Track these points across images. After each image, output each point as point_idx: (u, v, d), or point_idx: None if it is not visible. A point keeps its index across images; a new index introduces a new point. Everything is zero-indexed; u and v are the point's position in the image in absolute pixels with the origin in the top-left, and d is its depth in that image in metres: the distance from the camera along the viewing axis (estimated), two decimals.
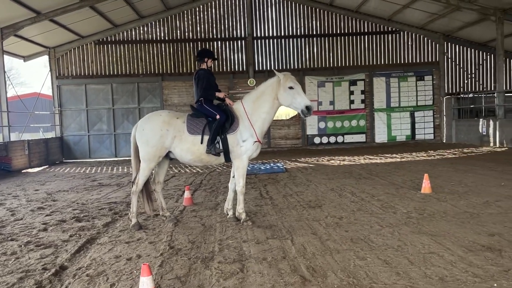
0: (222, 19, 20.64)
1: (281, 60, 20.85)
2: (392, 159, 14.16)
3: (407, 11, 18.85)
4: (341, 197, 7.82)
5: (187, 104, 20.23)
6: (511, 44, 19.49)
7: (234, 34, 20.74)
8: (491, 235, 5.02)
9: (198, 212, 7.02)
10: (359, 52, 20.95)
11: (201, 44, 20.52)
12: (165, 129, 6.09)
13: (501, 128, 16.57)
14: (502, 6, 16.06)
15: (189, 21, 20.50)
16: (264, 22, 20.81)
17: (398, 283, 3.75)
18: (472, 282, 3.70)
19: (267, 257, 4.58)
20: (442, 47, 20.88)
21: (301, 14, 20.82)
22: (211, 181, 10.78)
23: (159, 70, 20.38)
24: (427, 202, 7.02)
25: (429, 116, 20.79)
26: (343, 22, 20.88)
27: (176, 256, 4.73)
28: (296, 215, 6.53)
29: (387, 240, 5.01)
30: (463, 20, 18.39)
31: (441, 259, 4.30)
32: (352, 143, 20.67)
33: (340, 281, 3.84)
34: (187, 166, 14.42)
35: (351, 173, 11.00)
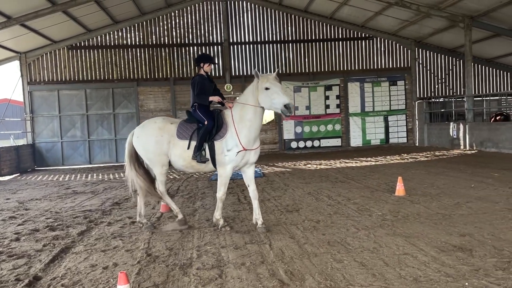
0: (198, 24, 20.62)
1: (257, 66, 20.96)
2: (367, 162, 14.41)
3: (380, 18, 19.29)
4: (318, 201, 7.92)
5: (163, 110, 20.09)
6: (479, 50, 20.20)
7: (210, 39, 20.75)
8: (462, 236, 5.18)
9: (176, 219, 6.95)
10: (334, 58, 21.29)
11: (176, 49, 20.43)
12: (160, 135, 6.11)
13: (471, 131, 17.11)
14: (470, 13, 16.63)
15: (164, 26, 20.39)
16: (240, 28, 20.90)
17: (374, 284, 3.83)
18: (445, 281, 3.82)
19: (245, 262, 4.60)
20: (413, 53, 21.45)
21: (277, 20, 21.02)
22: (188, 187, 10.72)
23: (134, 75, 20.16)
24: (401, 205, 7.18)
25: (402, 120, 21.28)
26: (318, 28, 21.19)
27: (153, 264, 4.70)
28: (274, 220, 6.57)
29: (363, 243, 5.10)
30: (433, 26, 18.95)
31: (415, 260, 4.42)
32: (328, 147, 20.94)
33: (318, 284, 3.89)
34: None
35: (328, 177, 11.14)
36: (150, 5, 19.34)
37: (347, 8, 19.05)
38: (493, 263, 4.21)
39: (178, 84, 20.28)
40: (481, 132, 16.56)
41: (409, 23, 19.07)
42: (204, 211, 7.58)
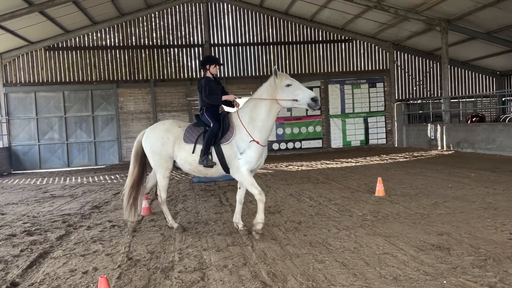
0: (179, 25, 20.50)
1: (239, 67, 20.98)
2: (348, 163, 14.57)
3: (359, 20, 19.55)
4: (299, 202, 7.97)
5: (143, 112, 19.90)
6: (455, 53, 20.69)
7: (191, 41, 20.65)
8: (440, 235, 5.29)
9: (157, 222, 6.91)
10: (314, 60, 21.47)
11: (157, 51, 20.25)
12: (166, 137, 6.03)
13: (448, 132, 17.49)
14: (447, 17, 17.03)
15: (144, 27, 20.20)
16: (221, 29, 20.87)
17: (355, 284, 3.88)
18: (424, 280, 3.89)
19: (228, 264, 4.59)
20: (392, 56, 21.81)
21: (258, 22, 21.07)
22: (169, 189, 10.60)
23: (113, 77, 19.89)
24: (381, 205, 7.29)
25: (381, 121, 21.60)
26: (298, 31, 21.34)
27: (134, 268, 4.64)
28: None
29: (344, 243, 5.16)
30: (411, 30, 19.31)
31: (394, 259, 4.49)
32: (309, 148, 21.08)
33: (300, 285, 3.92)
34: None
35: (309, 178, 11.22)
36: (129, 6, 19.14)
37: (327, 11, 19.25)
38: (470, 261, 4.32)
39: (158, 85, 20.12)
40: (458, 133, 16.94)
41: (387, 26, 19.39)
42: (185, 213, 7.53)
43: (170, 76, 20.41)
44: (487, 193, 7.82)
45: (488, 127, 15.46)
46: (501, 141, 14.29)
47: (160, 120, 19.78)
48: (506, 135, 14.09)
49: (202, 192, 9.87)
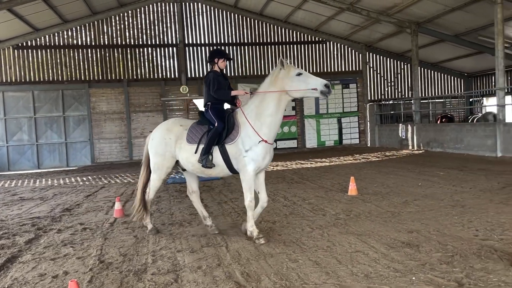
0: (152, 25, 20.27)
1: None
2: (322, 163, 14.76)
3: (332, 22, 19.82)
4: (274, 202, 8.01)
5: (116, 112, 19.58)
6: (425, 55, 21.25)
7: (165, 40, 20.45)
8: (410, 232, 5.43)
9: (130, 224, 6.81)
10: (289, 61, 21.60)
11: (130, 50, 19.97)
12: (168, 137, 5.86)
13: (418, 132, 17.95)
14: (417, 19, 17.47)
15: (117, 26, 19.88)
16: (196, 29, 20.76)
17: (327, 282, 3.94)
18: (394, 277, 3.99)
19: (202, 265, 4.58)
20: (364, 57, 22.21)
21: (232, 22, 21.07)
22: None
23: (85, 76, 19.49)
24: (353, 204, 7.42)
25: (354, 122, 21.97)
26: (273, 32, 21.45)
27: (106, 271, 4.57)
28: (231, 222, 6.59)
29: (317, 242, 5.23)
30: (383, 32, 19.72)
31: (366, 257, 4.58)
32: (284, 148, 21.22)
33: (273, 284, 3.95)
34: (118, 176, 13.92)
35: (284, 178, 11.31)
36: (101, 5, 18.79)
37: (302, 12, 19.43)
38: (438, 257, 4.45)
39: (132, 85, 19.84)
40: (428, 133, 17.41)
41: (360, 28, 19.73)
42: (159, 215, 7.47)
43: (144, 76, 20.16)
44: (455, 191, 8.07)
45: (456, 127, 15.95)
46: (469, 140, 14.77)
47: (133, 121, 19.55)
48: (473, 135, 14.57)
49: (176, 193, 9.80)
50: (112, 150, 19.63)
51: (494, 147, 13.40)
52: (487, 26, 15.88)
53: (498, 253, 4.46)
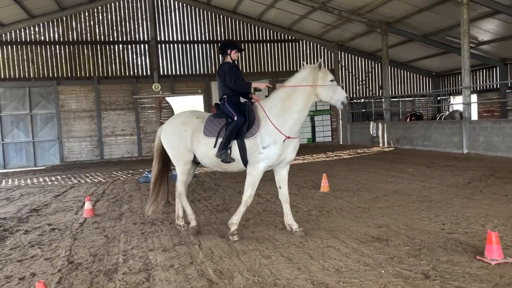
0: (123, 21, 19.90)
1: (186, 65, 20.74)
2: (295, 161, 14.86)
3: (305, 21, 19.99)
4: None
5: (86, 110, 19.14)
6: (395, 54, 21.73)
7: (137, 37, 20.13)
8: (379, 227, 5.56)
9: (101, 224, 6.69)
10: (262, 59, 21.69)
11: (100, 47, 19.54)
12: (183, 130, 5.65)
13: (388, 130, 18.35)
14: (387, 19, 17.84)
15: (86, 22, 19.41)
16: (168, 26, 20.52)
17: (299, 277, 3.99)
18: (364, 270, 4.07)
19: (174, 264, 4.55)
20: (336, 56, 22.53)
21: (205, 20, 20.94)
22: (114, 190, 10.33)
23: (53, 73, 18.96)
24: (325, 200, 7.52)
25: (327, 120, 22.26)
26: (246, 30, 21.45)
27: (76, 271, 4.48)
28: (204, 220, 6.57)
29: (290, 238, 5.28)
30: (354, 31, 20.04)
31: (337, 251, 4.66)
32: None
33: (246, 281, 3.96)
34: (88, 176, 13.62)
35: None
36: (70, 0, 18.30)
37: (275, 10, 19.51)
38: (406, 251, 4.57)
39: (102, 83, 19.43)
40: (398, 130, 17.83)
41: (332, 27, 19.98)
42: (131, 214, 7.35)
43: (115, 73, 19.78)
44: (423, 187, 8.31)
45: (424, 125, 16.40)
46: (436, 137, 15.21)
47: (104, 119, 19.16)
48: (441, 132, 15.02)
49: (148, 192, 9.63)
50: (82, 149, 19.18)
51: (460, 144, 13.86)
52: (454, 26, 16.39)
53: (463, 245, 4.62)
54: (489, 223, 5.46)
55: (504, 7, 14.08)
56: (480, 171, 9.72)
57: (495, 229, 4.98)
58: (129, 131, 19.78)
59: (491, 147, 12.61)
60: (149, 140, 19.97)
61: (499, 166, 10.30)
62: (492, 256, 4.10)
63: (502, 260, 4.05)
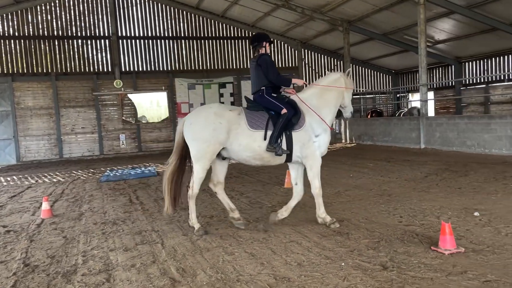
0: (83, 16, 19.27)
1: (149, 61, 20.36)
2: None
3: (269, 18, 20.09)
4: (212, 197, 7.99)
5: (44, 107, 18.43)
6: (357, 52, 22.25)
7: (97, 32, 19.55)
8: (341, 221, 5.69)
9: (59, 224, 6.48)
10: (227, 56, 21.61)
11: (58, 42, 18.84)
12: (218, 122, 5.37)
13: (350, 127, 18.78)
14: (348, 18, 18.20)
15: (43, 16, 18.66)
16: (130, 22, 20.06)
17: (262, 272, 4.03)
18: (325, 264, 4.17)
19: (136, 263, 4.48)
20: (300, 54, 22.78)
21: (168, 15, 20.62)
22: (74, 189, 10.02)
23: (8, 69, 18.12)
24: (289, 196, 7.52)
25: None
26: (210, 26, 21.30)
27: (32, 274, 4.32)
28: (167, 218, 6.48)
29: (253, 234, 5.31)
30: (317, 29, 20.34)
31: (299, 246, 4.74)
32: None
33: (209, 278, 3.96)
34: (46, 175, 13.14)
35: None
36: None
37: (238, 7, 19.48)
38: (366, 243, 4.71)
39: (61, 79, 18.76)
40: (359, 127, 18.27)
41: (295, 25, 20.19)
42: (91, 214, 7.16)
43: (74, 69, 19.15)
44: (383, 181, 8.57)
45: (384, 121, 16.89)
46: (396, 133, 15.71)
47: (63, 116, 18.53)
48: (400, 128, 15.52)
49: (110, 191, 9.45)
50: (40, 148, 18.47)
51: (418, 139, 14.37)
52: (412, 26, 16.93)
53: (419, 237, 4.81)
54: (443, 215, 5.71)
55: (458, 7, 14.68)
56: (436, 166, 10.12)
57: (449, 220, 5.22)
58: (90, 129, 19.21)
59: (446, 142, 13.16)
60: (111, 138, 19.50)
61: (453, 161, 10.77)
62: (446, 246, 4.29)
63: (455, 250, 4.25)
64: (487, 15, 14.98)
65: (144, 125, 20.17)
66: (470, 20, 15.65)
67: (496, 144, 11.51)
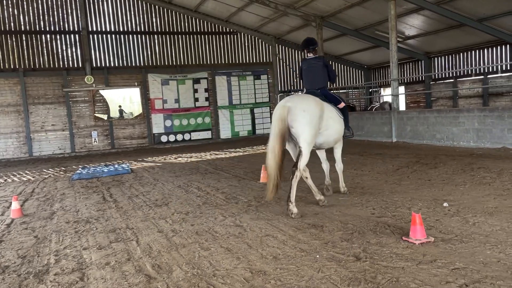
0: (51, 10, 18.73)
1: (121, 57, 20.00)
2: (236, 153, 14.97)
3: (243, 13, 20.04)
4: (187, 193, 7.97)
5: (12, 104, 17.88)
6: (330, 47, 22.48)
7: (66, 27, 19.05)
8: (316, 214, 5.78)
9: (30, 224, 6.32)
10: (201, 51, 21.46)
11: (26, 37, 18.26)
12: (321, 110, 6.10)
13: None
14: (321, 13, 18.36)
15: (10, 10, 18.03)
16: (100, 16, 19.63)
17: (238, 267, 4.05)
18: (300, 256, 4.22)
19: (110, 261, 4.43)
20: (274, 49, 22.85)
21: (140, 10, 20.29)
22: (45, 188, 9.78)
23: None
24: (264, 190, 7.61)
25: (266, 112, 22.56)
26: (183, 21, 21.09)
27: (2, 275, 4.21)
28: (142, 215, 6.43)
29: (229, 229, 5.33)
30: (290, 24, 20.43)
31: (275, 240, 4.79)
32: (199, 140, 21.11)
33: (185, 274, 3.96)
34: (15, 174, 12.77)
35: (198, 169, 11.28)
36: None
37: (212, 2, 19.35)
38: (340, 235, 4.80)
39: (29, 75, 18.21)
40: None
41: (269, 20, 20.22)
42: (63, 213, 7.01)
43: (43, 65, 18.62)
44: (356, 174, 8.73)
45: (357, 116, 17.17)
46: (368, 127, 16.00)
47: (32, 113, 18.01)
48: (372, 122, 15.81)
49: (83, 189, 9.28)
50: (8, 146, 17.91)
51: (390, 133, 14.69)
52: (383, 21, 17.24)
53: (391, 228, 4.94)
54: (414, 206, 5.87)
55: (427, 3, 15.02)
56: (407, 158, 10.38)
57: (419, 211, 5.37)
58: (60, 126, 18.75)
59: (417, 136, 13.51)
60: (82, 135, 19.09)
61: (424, 153, 11.07)
62: (416, 236, 4.42)
63: (425, 240, 4.38)
64: (455, 11, 15.40)
65: (117, 121, 19.82)
66: (439, 16, 16.05)
67: (464, 137, 11.89)
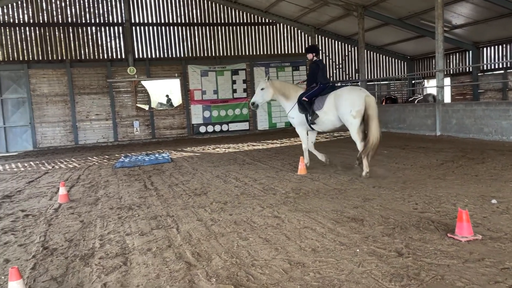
0: (96, 2, 19.30)
1: (162, 48, 20.36)
2: (273, 145, 14.94)
3: (282, 4, 19.84)
4: (226, 183, 8.04)
5: (59, 94, 18.63)
6: (371, 38, 21.88)
7: (110, 19, 19.58)
8: (355, 208, 5.67)
9: (76, 209, 6.60)
10: (239, 42, 21.48)
11: (72, 29, 18.94)
12: None
13: None
14: (363, 3, 17.88)
15: (57, 3, 18.73)
16: (143, 8, 20.03)
17: (276, 257, 4.04)
18: (339, 250, 4.16)
19: (152, 247, 4.54)
20: (313, 39, 22.51)
21: (181, 1, 20.52)
22: (90, 175, 10.16)
23: (24, 56, 18.31)
24: (302, 182, 7.60)
25: None
26: (223, 12, 21.15)
27: (51, 257, 4.42)
28: (182, 204, 6.55)
29: (267, 220, 5.33)
30: (331, 14, 20.03)
31: (313, 232, 4.74)
32: (236, 131, 21.23)
33: (224, 262, 4.00)
34: (62, 161, 13.35)
35: (236, 160, 11.35)
36: None
37: None
38: (381, 230, 4.68)
39: (75, 66, 18.91)
40: None
41: (309, 10, 19.91)
42: (107, 199, 7.26)
43: (88, 56, 19.26)
44: (397, 168, 8.49)
45: (399, 108, 16.67)
46: (411, 120, 15.50)
47: (78, 103, 18.72)
48: (415, 115, 15.31)
49: (125, 177, 9.56)
50: (55, 134, 18.73)
51: (433, 126, 14.17)
52: (428, 10, 16.55)
53: (435, 224, 4.76)
54: (460, 202, 5.63)
55: None
56: (452, 153, 9.98)
57: (466, 207, 5.16)
58: (104, 115, 19.40)
59: (463, 129, 12.95)
60: (125, 125, 19.66)
61: (470, 148, 10.61)
62: (463, 233, 4.24)
63: (472, 237, 4.20)
64: None
65: (157, 112, 20.27)
66: (490, 4, 15.22)
67: None
